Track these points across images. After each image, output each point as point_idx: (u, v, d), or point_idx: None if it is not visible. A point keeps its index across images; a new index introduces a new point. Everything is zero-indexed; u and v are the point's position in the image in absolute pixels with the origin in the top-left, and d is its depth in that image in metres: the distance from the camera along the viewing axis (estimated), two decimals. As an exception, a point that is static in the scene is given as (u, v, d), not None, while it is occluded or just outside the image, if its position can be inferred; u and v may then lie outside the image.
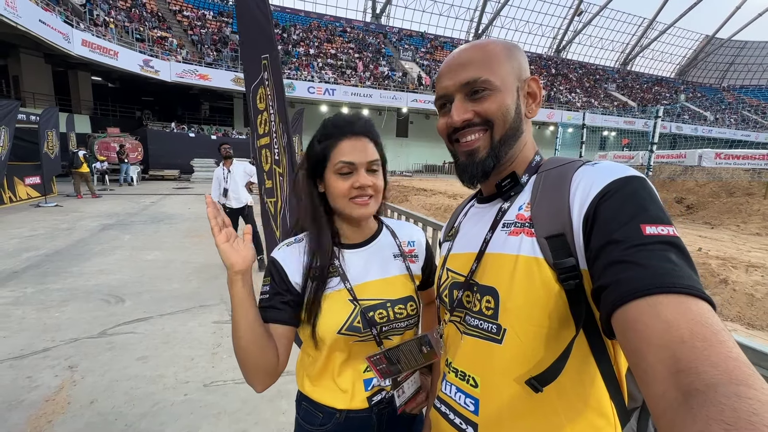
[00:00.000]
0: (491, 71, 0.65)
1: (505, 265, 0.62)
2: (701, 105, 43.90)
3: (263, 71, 1.75)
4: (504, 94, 0.65)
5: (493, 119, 0.65)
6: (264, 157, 1.89)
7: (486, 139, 0.66)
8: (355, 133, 0.85)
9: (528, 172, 0.68)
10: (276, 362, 0.79)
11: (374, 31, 37.47)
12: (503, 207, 0.68)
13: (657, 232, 0.47)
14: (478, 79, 0.64)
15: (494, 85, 0.64)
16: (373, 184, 0.85)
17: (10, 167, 9.52)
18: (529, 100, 0.69)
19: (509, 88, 0.66)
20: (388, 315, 0.86)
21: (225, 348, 3.03)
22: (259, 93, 1.82)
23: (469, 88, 0.65)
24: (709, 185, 13.70)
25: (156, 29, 23.53)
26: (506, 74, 0.66)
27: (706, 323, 0.39)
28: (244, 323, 0.74)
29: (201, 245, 6.30)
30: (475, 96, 0.65)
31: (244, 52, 1.90)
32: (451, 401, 0.70)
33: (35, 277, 4.54)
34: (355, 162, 0.83)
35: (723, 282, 4.68)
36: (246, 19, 1.77)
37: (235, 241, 0.77)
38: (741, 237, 8.30)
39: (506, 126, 0.66)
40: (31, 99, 17.27)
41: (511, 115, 0.66)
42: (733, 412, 0.31)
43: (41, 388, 2.45)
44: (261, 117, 1.83)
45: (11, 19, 12.12)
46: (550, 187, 0.62)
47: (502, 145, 0.66)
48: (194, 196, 12.78)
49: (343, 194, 0.84)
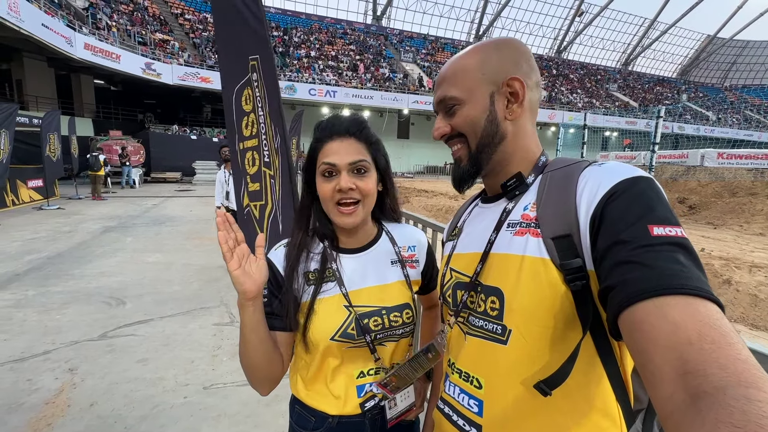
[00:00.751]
0: (456, 87, 0.68)
1: (511, 266, 0.62)
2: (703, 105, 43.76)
3: (251, 72, 1.73)
4: (470, 105, 0.67)
5: (465, 131, 0.69)
6: (249, 159, 1.86)
7: (465, 149, 0.70)
8: (340, 134, 0.82)
9: (534, 172, 0.68)
10: (282, 369, 0.83)
11: (375, 32, 37.57)
12: (508, 207, 0.67)
13: (665, 233, 0.47)
14: (445, 98, 0.69)
15: (459, 99, 0.67)
16: (356, 187, 0.81)
17: (12, 170, 9.58)
18: (510, 101, 0.67)
19: (477, 98, 0.67)
20: (383, 323, 0.84)
21: (225, 350, 3.03)
22: (244, 94, 1.79)
23: (443, 105, 0.70)
24: (712, 185, 13.64)
25: (158, 32, 23.66)
26: (473, 85, 0.67)
27: (714, 325, 0.38)
28: (255, 342, 0.75)
29: (202, 247, 6.31)
30: (448, 111, 0.70)
31: (224, 52, 1.84)
32: (455, 402, 0.69)
33: (37, 280, 4.55)
34: (335, 163, 0.80)
35: (726, 282, 4.65)
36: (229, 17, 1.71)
37: (247, 263, 0.74)
38: (744, 237, 8.25)
39: (478, 135, 0.68)
40: (34, 102, 17.38)
41: (480, 124, 0.67)
42: (743, 414, 0.31)
43: (41, 391, 2.45)
44: (247, 119, 1.80)
45: (14, 23, 12.21)
46: (556, 187, 0.62)
47: (480, 153, 0.68)
48: (196, 199, 12.82)
49: (329, 197, 0.82)
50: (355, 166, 0.81)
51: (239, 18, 1.67)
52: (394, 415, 0.87)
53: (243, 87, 1.78)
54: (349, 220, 0.82)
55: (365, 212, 0.85)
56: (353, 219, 0.82)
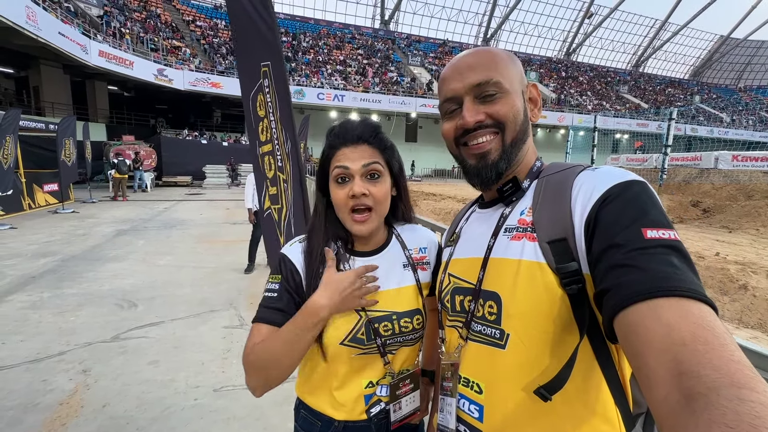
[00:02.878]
0: (500, 74, 0.65)
1: (508, 270, 0.62)
2: (717, 106, 43.00)
3: (262, 78, 1.76)
4: (514, 96, 0.66)
5: (505, 121, 0.65)
6: (267, 164, 1.89)
7: (497, 141, 0.66)
8: (353, 140, 0.82)
9: (529, 177, 0.69)
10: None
11: (383, 37, 37.79)
12: (505, 212, 0.68)
13: (658, 235, 0.47)
14: (489, 81, 0.64)
15: (504, 87, 0.65)
16: (369, 193, 0.80)
17: (29, 175, 9.82)
18: (530, 105, 0.71)
19: (517, 91, 0.67)
20: (393, 328, 0.83)
21: (234, 353, 3.05)
22: (258, 100, 1.83)
23: (480, 90, 0.65)
24: (727, 188, 13.36)
25: (170, 39, 24.13)
26: (513, 77, 0.67)
27: (707, 326, 0.39)
28: (297, 357, 0.76)
29: (212, 251, 6.38)
30: (485, 98, 0.65)
31: (241, 59, 1.88)
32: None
33: (52, 282, 4.65)
34: (349, 166, 0.80)
35: (743, 288, 4.54)
36: (242, 25, 1.75)
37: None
38: (761, 241, 8.05)
39: (517, 128, 0.66)
40: (51, 108, 17.83)
41: (521, 117, 0.67)
42: (735, 415, 0.31)
43: (56, 392, 2.50)
44: (262, 124, 1.84)
45: (32, 32, 12.57)
46: (551, 192, 0.63)
47: (513, 147, 0.67)
48: (206, 202, 12.97)
49: (343, 204, 0.82)
50: (369, 170, 0.81)
51: (252, 25, 1.70)
52: (398, 418, 0.87)
53: (257, 93, 1.81)
54: (364, 228, 0.82)
55: (379, 219, 0.85)
56: (367, 227, 0.82)
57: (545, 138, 34.20)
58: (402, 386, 0.86)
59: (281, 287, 0.83)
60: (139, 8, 25.38)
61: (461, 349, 0.69)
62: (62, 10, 15.87)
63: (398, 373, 0.86)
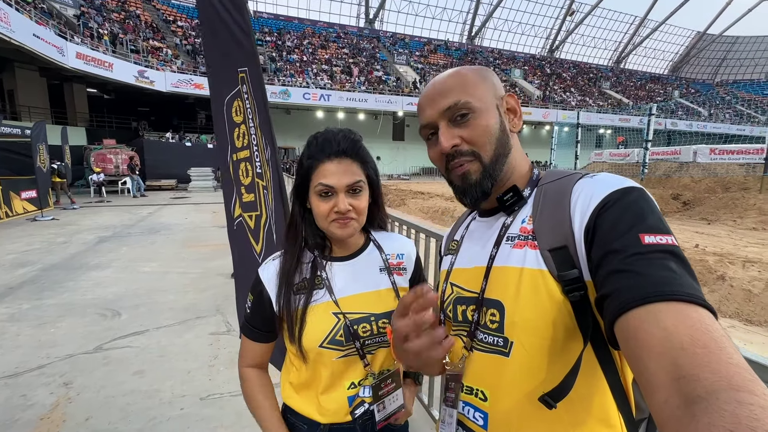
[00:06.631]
0: (469, 94, 0.66)
1: (510, 278, 0.62)
2: (695, 101, 44.14)
3: (240, 84, 1.73)
4: (486, 113, 0.67)
5: (480, 144, 0.66)
6: (243, 170, 1.86)
7: (476, 163, 0.67)
8: (337, 154, 0.83)
9: (529, 185, 0.70)
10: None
11: (368, 36, 37.70)
12: (506, 222, 0.68)
13: (656, 241, 0.48)
14: (458, 103, 0.66)
15: (474, 106, 0.66)
16: (353, 207, 0.83)
17: (5, 182, 9.51)
18: (510, 116, 0.71)
19: (489, 106, 0.67)
20: (371, 329, 0.86)
21: (222, 360, 3.02)
22: (234, 105, 1.79)
23: (452, 113, 0.66)
24: (705, 181, 13.76)
25: (150, 40, 23.63)
26: (483, 94, 0.68)
27: (706, 330, 0.39)
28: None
29: (198, 255, 6.29)
30: (459, 121, 0.66)
31: (214, 63, 1.83)
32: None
33: (31, 293, 4.52)
34: (334, 185, 0.81)
35: (720, 278, 4.69)
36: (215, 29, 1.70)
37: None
38: (738, 232, 8.32)
39: (494, 145, 0.67)
40: (27, 113, 17.28)
41: (496, 133, 0.67)
42: (734, 418, 0.31)
43: (36, 407, 2.43)
44: (238, 130, 1.81)
45: (5, 34, 12.15)
46: (550, 200, 0.64)
47: (495, 164, 0.67)
48: (192, 206, 12.77)
49: (324, 216, 0.83)
50: (352, 187, 0.83)
51: (226, 30, 1.66)
52: (383, 417, 0.89)
53: (233, 98, 1.78)
54: (347, 231, 0.85)
55: (359, 224, 0.87)
56: (348, 230, 0.84)
57: (531, 134, 34.64)
58: (384, 386, 0.88)
59: (254, 307, 0.88)
60: (117, 8, 24.78)
61: (465, 360, 0.70)
62: (36, 11, 15.39)
63: (379, 373, 0.88)
